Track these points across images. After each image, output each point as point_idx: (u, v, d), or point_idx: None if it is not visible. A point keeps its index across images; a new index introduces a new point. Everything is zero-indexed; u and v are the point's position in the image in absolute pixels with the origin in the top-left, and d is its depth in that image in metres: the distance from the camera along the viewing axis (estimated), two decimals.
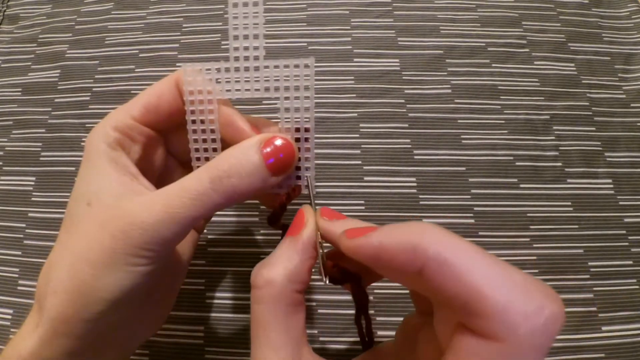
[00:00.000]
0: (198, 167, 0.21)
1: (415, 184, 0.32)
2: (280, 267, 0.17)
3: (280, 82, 0.19)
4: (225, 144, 0.20)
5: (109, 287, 0.17)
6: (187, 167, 0.23)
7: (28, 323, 0.19)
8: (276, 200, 0.21)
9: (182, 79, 0.20)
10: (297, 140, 0.20)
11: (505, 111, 0.34)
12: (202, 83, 0.20)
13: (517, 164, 0.32)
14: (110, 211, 0.18)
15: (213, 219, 0.31)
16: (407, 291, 0.29)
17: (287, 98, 0.19)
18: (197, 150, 0.21)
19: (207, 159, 0.21)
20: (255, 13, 0.19)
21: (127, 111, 0.20)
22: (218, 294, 0.30)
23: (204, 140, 0.21)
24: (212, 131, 0.20)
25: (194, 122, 0.20)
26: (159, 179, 0.23)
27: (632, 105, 0.34)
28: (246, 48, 0.19)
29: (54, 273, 0.18)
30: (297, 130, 0.20)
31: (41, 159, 0.35)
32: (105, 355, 0.20)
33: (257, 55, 0.19)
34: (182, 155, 0.23)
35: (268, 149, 0.18)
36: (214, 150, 0.21)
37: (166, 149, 0.23)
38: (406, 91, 0.35)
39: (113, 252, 0.17)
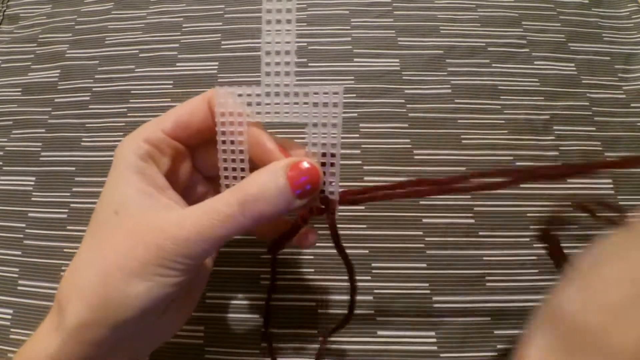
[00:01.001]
0: (226, 185, 0.22)
1: None
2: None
3: (309, 108, 0.20)
4: (253, 164, 0.21)
5: (140, 295, 0.18)
6: (211, 181, 0.24)
7: (46, 325, 0.19)
8: (284, 225, 0.22)
9: (214, 99, 0.21)
10: (323, 164, 0.20)
11: (505, 111, 0.34)
12: (234, 105, 0.20)
13: (517, 164, 0.32)
14: (142, 223, 0.18)
15: None
16: (408, 291, 0.29)
17: (315, 124, 0.20)
18: (225, 169, 0.21)
19: (234, 178, 0.22)
20: (287, 41, 0.19)
21: (159, 125, 0.21)
22: (218, 294, 0.30)
23: (233, 160, 0.21)
24: (241, 152, 0.21)
25: (224, 142, 0.21)
26: (184, 191, 0.23)
27: (632, 105, 0.34)
28: (277, 73, 0.20)
29: (83, 278, 0.18)
30: (324, 154, 0.20)
31: (41, 159, 0.35)
32: None
33: (288, 81, 0.20)
34: (208, 170, 0.24)
35: (294, 173, 0.19)
36: (242, 170, 0.21)
37: (192, 163, 0.23)
38: (406, 91, 0.35)
39: (146, 262, 0.17)
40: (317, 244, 0.30)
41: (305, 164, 0.19)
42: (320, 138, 0.20)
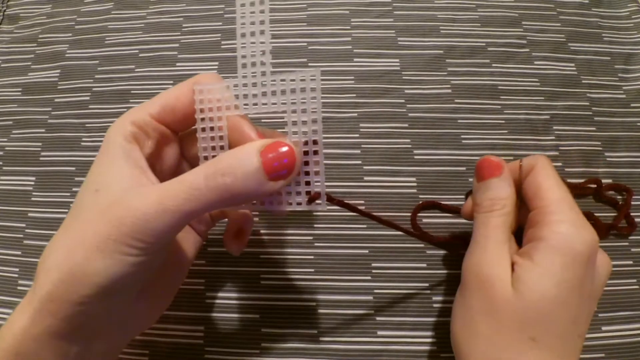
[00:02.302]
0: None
1: (415, 184, 0.32)
2: None
3: (287, 96, 0.19)
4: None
5: (99, 273, 0.17)
6: None
7: (24, 300, 0.19)
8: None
9: (195, 90, 0.21)
10: (306, 153, 0.20)
11: (505, 111, 0.34)
12: (213, 102, 0.21)
13: None
14: (112, 202, 0.18)
15: None
16: (408, 291, 0.29)
17: (294, 111, 0.19)
18: (206, 158, 0.22)
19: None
20: (262, 30, 0.19)
21: (146, 108, 0.21)
22: (218, 294, 0.30)
23: (213, 148, 0.21)
24: (221, 138, 0.21)
25: (203, 129, 0.21)
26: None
27: (632, 105, 0.34)
28: (254, 64, 0.20)
29: (51, 253, 0.19)
30: (306, 143, 0.20)
31: (41, 159, 0.35)
32: (94, 345, 0.20)
33: (264, 70, 0.20)
34: (195, 161, 0.23)
35: (269, 154, 0.18)
36: None
37: (181, 153, 0.23)
38: (406, 91, 0.35)
39: (106, 238, 0.17)
40: (317, 244, 0.30)
41: (282, 146, 0.18)
42: (300, 126, 0.19)
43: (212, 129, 0.21)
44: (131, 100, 0.36)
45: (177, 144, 0.23)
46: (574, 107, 0.34)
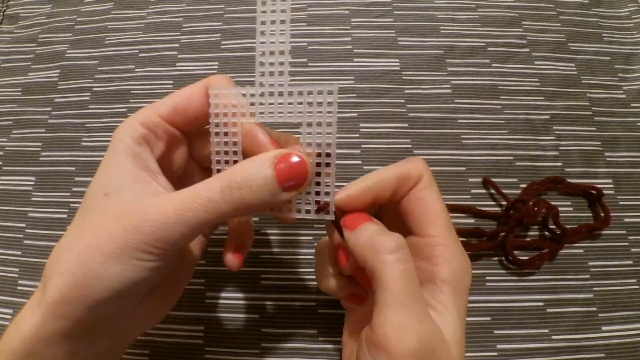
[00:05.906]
0: (218, 171, 0.22)
1: None
2: None
3: (303, 107, 0.20)
4: (246, 156, 0.21)
5: (115, 277, 0.18)
6: (207, 172, 0.24)
7: (31, 301, 0.19)
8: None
9: (210, 94, 0.20)
10: (318, 164, 0.20)
11: (505, 111, 0.34)
12: (228, 107, 0.20)
13: (517, 164, 0.32)
14: (125, 205, 0.18)
15: None
16: None
17: (309, 124, 0.20)
18: (218, 162, 0.22)
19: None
20: (282, 42, 0.19)
21: (156, 109, 0.21)
22: (218, 294, 0.30)
23: (226, 153, 0.21)
24: (235, 143, 0.21)
25: (217, 134, 0.21)
26: (179, 181, 0.23)
27: (632, 105, 0.34)
28: (272, 74, 0.20)
29: (64, 256, 0.19)
30: (319, 154, 0.20)
31: (41, 159, 0.35)
32: (100, 343, 0.20)
33: (282, 81, 0.20)
34: (204, 161, 0.24)
35: (282, 165, 0.18)
36: (235, 162, 0.21)
37: (189, 152, 0.23)
38: (406, 91, 0.35)
39: (124, 244, 0.17)
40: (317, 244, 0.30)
41: (295, 158, 0.19)
42: (315, 138, 0.20)
43: (225, 134, 0.21)
44: (131, 100, 0.36)
45: (185, 144, 0.23)
46: (574, 107, 0.34)
